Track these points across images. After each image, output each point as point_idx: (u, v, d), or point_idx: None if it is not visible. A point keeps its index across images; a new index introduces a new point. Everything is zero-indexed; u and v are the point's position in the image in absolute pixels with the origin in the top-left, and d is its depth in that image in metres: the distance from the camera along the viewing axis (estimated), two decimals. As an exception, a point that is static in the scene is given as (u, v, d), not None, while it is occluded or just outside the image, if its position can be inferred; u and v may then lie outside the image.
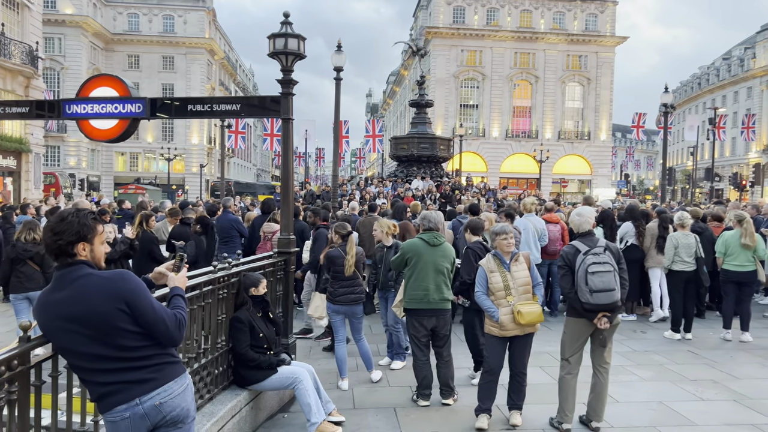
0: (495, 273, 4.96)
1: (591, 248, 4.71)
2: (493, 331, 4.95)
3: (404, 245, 5.65)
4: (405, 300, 5.55)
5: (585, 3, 57.96)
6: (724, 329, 8.23)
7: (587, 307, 4.65)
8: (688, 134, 46.12)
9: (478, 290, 5.02)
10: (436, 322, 5.48)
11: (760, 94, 75.62)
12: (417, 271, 5.44)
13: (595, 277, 4.57)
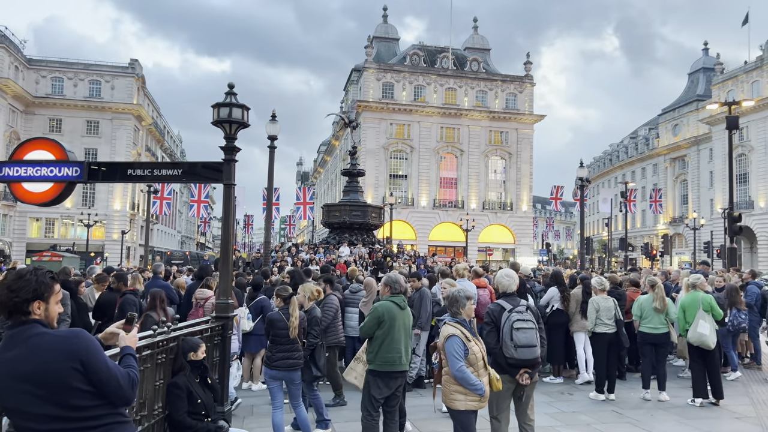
0: (471, 342, 4.63)
1: (515, 306, 5.02)
2: (472, 406, 4.58)
3: (379, 307, 5.46)
4: (376, 363, 5.34)
5: (505, 83, 62.00)
6: (643, 389, 8.68)
7: (511, 362, 4.88)
8: (602, 206, 49.12)
9: (461, 364, 4.49)
10: (400, 382, 5.53)
11: (664, 170, 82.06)
12: (392, 334, 5.34)
13: (519, 333, 4.85)
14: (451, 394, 4.56)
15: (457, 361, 4.47)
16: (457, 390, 4.53)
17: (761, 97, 57.68)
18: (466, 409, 4.54)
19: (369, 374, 5.39)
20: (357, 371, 5.77)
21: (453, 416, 4.66)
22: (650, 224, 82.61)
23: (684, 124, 78.50)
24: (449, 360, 4.52)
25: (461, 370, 4.47)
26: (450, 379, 4.57)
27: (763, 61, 61.45)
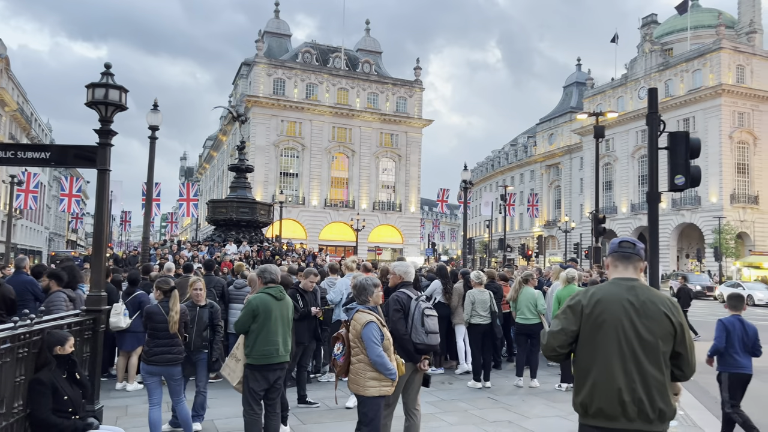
0: (385, 328, 4.68)
1: (419, 296, 5.20)
2: (385, 392, 4.62)
3: (253, 300, 5.35)
4: (253, 357, 5.24)
5: (396, 87, 63.29)
6: (517, 377, 9.26)
7: (421, 347, 5.02)
8: (484, 209, 51.50)
9: (380, 349, 4.52)
10: (279, 374, 5.45)
11: (540, 176, 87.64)
12: (267, 327, 5.25)
13: (429, 319, 5.02)
14: (366, 381, 4.55)
15: (376, 346, 4.49)
16: (373, 377, 4.54)
17: (624, 112, 63.27)
18: (379, 395, 4.58)
19: (247, 368, 5.29)
20: (230, 367, 5.55)
21: (364, 404, 4.65)
22: (527, 227, 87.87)
23: (559, 133, 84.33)
24: (368, 346, 4.51)
25: (381, 355, 4.50)
26: (366, 367, 4.57)
27: (627, 78, 67.48)
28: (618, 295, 3.07)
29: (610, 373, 2.97)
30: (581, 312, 3.11)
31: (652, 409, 2.92)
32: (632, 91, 65.81)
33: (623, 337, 2.99)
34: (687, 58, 60.61)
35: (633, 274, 3.19)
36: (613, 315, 3.02)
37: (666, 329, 3.00)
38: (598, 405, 2.97)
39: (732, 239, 52.48)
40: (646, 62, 65.45)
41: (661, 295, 3.11)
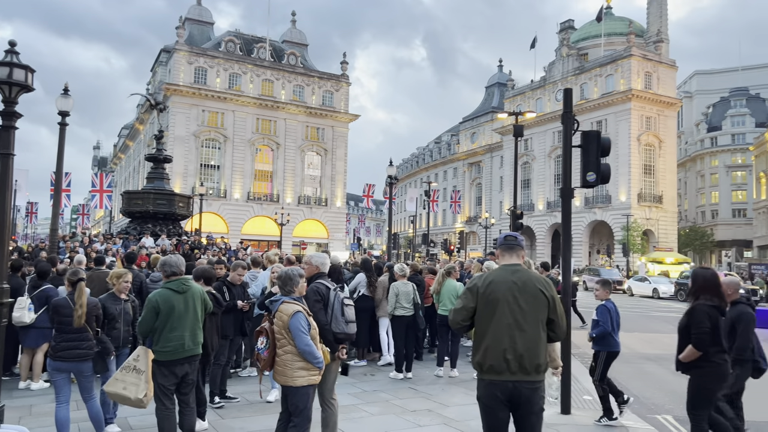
0: (311, 318, 4.72)
1: (336, 286, 5.22)
2: (314, 381, 4.65)
3: (152, 298, 5.16)
4: (158, 353, 5.11)
5: (322, 80, 62.86)
6: (437, 367, 9.46)
7: (341, 336, 5.05)
8: (409, 205, 52.12)
9: (308, 338, 4.53)
10: (189, 369, 5.28)
11: (463, 174, 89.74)
12: (171, 322, 5.10)
13: (348, 309, 5.06)
14: (294, 372, 4.54)
15: (304, 335, 4.49)
16: (301, 366, 4.54)
17: (542, 113, 65.83)
18: (308, 384, 4.60)
19: (154, 364, 5.15)
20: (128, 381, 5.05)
21: (294, 395, 4.61)
22: (450, 222, 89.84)
23: (480, 132, 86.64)
24: (296, 336, 4.49)
25: (309, 344, 4.51)
26: (294, 357, 4.54)
27: (546, 81, 70.23)
28: (505, 278, 3.87)
29: (499, 338, 3.75)
30: (477, 292, 3.88)
31: (530, 364, 3.71)
32: (550, 93, 68.57)
33: (509, 309, 3.77)
34: (600, 63, 63.82)
35: (516, 261, 4.01)
36: (502, 293, 3.81)
37: (541, 302, 3.83)
38: (489, 363, 3.75)
39: (638, 236, 55.88)
40: (563, 66, 68.36)
41: (537, 276, 3.94)
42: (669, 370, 10.93)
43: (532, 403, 3.74)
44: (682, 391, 9.28)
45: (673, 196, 63.70)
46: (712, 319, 5.01)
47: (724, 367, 5.09)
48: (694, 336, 5.02)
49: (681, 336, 5.23)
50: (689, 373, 5.22)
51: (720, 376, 5.10)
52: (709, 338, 4.97)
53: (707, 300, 5.10)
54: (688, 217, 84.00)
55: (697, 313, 5.07)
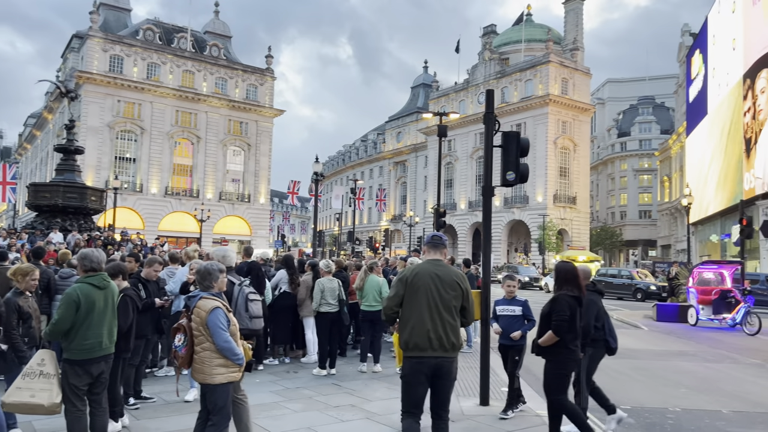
0: (231, 314, 4.62)
1: (243, 281, 5.12)
2: (233, 378, 4.54)
3: (72, 292, 4.84)
4: (72, 352, 4.81)
5: (246, 74, 61.51)
6: (361, 363, 9.49)
7: (245, 332, 4.94)
8: (334, 203, 52.06)
9: (227, 335, 4.40)
10: (104, 368, 5.02)
11: (389, 172, 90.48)
12: (90, 319, 4.82)
13: (253, 304, 4.96)
14: (212, 369, 4.41)
15: (223, 332, 4.37)
16: (220, 364, 4.42)
17: (465, 115, 67.42)
18: (228, 382, 4.49)
19: (66, 363, 4.86)
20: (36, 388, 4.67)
21: (212, 392, 4.46)
22: (375, 220, 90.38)
23: (406, 132, 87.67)
24: (214, 332, 4.37)
25: (228, 340, 4.39)
26: (212, 354, 4.40)
27: (469, 83, 71.97)
28: (428, 270, 4.54)
29: (422, 320, 4.40)
30: (406, 281, 4.52)
31: (447, 342, 4.42)
32: (473, 96, 70.34)
33: (431, 296, 4.45)
34: (521, 68, 66.13)
35: (439, 257, 4.72)
36: (425, 283, 4.48)
37: (457, 291, 4.53)
38: (414, 341, 4.41)
39: (554, 235, 58.38)
40: (486, 69, 70.32)
41: (455, 270, 4.72)
42: (580, 361, 11.46)
43: (450, 374, 4.49)
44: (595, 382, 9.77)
45: (586, 197, 66.99)
46: (572, 308, 5.41)
47: (576, 353, 5.54)
48: (554, 323, 5.38)
49: (542, 322, 5.61)
50: (546, 357, 5.59)
51: (574, 361, 5.56)
52: (567, 326, 5.36)
53: (569, 291, 5.51)
54: (599, 217, 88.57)
55: (559, 302, 5.45)
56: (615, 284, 31.03)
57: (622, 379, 10.06)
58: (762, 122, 35.80)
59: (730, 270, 19.78)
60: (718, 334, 16.88)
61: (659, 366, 11.46)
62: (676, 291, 21.14)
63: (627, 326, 18.91)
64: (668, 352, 13.50)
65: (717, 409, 8.04)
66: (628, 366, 11.22)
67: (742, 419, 7.56)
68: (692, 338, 15.96)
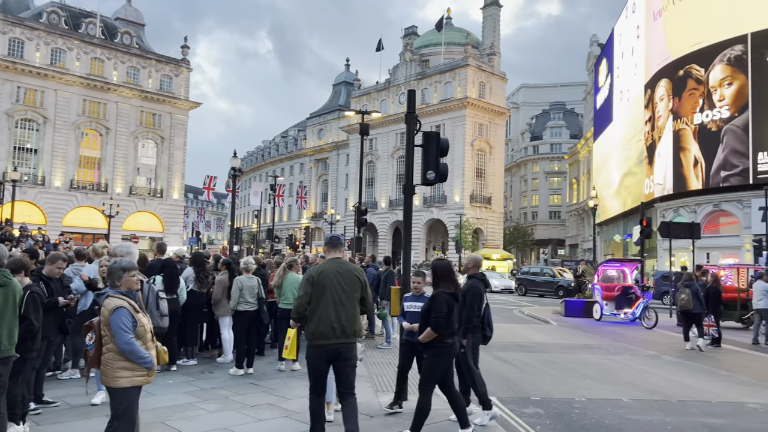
0: (140, 314, 4.31)
1: (149, 279, 4.96)
2: (138, 382, 4.23)
3: None
4: None
5: (160, 64, 59.05)
6: (279, 361, 9.37)
7: (157, 331, 4.77)
8: (253, 199, 51.00)
9: (129, 336, 4.14)
10: (3, 370, 4.65)
11: (310, 169, 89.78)
12: None
13: (162, 302, 4.81)
14: (115, 372, 4.15)
15: (125, 333, 4.12)
16: (124, 366, 4.16)
17: (387, 114, 68.02)
18: (132, 386, 4.20)
19: None
20: None
21: (114, 396, 4.22)
22: (295, 218, 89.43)
23: (328, 129, 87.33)
24: (116, 333, 4.12)
25: (130, 342, 4.13)
26: (115, 356, 4.14)
27: (390, 83, 72.66)
28: (332, 268, 5.20)
29: (328, 313, 5.02)
30: (312, 281, 5.13)
31: (349, 330, 5.09)
32: (394, 96, 71.09)
33: (335, 292, 5.08)
34: (440, 70, 67.52)
35: (339, 255, 5.41)
36: (330, 280, 5.10)
37: (357, 285, 5.22)
38: (320, 331, 5.02)
39: (470, 234, 60.07)
40: (407, 70, 71.26)
41: (354, 266, 5.46)
42: (494, 356, 11.92)
43: (350, 358, 5.16)
44: (504, 375, 10.17)
45: (501, 198, 69.38)
46: (449, 305, 5.64)
47: (453, 347, 5.79)
48: (432, 319, 5.59)
49: (422, 319, 5.84)
50: (426, 353, 5.82)
51: (451, 355, 5.83)
52: (444, 322, 5.58)
53: (446, 288, 5.74)
54: (512, 217, 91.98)
55: (437, 299, 5.66)
56: (538, 282, 32.32)
57: (533, 372, 10.52)
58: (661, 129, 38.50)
59: (631, 268, 21.13)
60: (620, 328, 17.99)
61: (566, 359, 12.07)
62: (583, 288, 22.32)
63: (537, 322, 19.78)
64: (575, 345, 14.24)
65: (618, 398, 8.57)
66: (537, 359, 11.75)
67: (641, 406, 8.10)
68: (597, 332, 16.92)
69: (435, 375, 5.75)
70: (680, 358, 12.54)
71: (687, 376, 10.61)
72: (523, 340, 14.58)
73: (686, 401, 8.52)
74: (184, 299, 9.16)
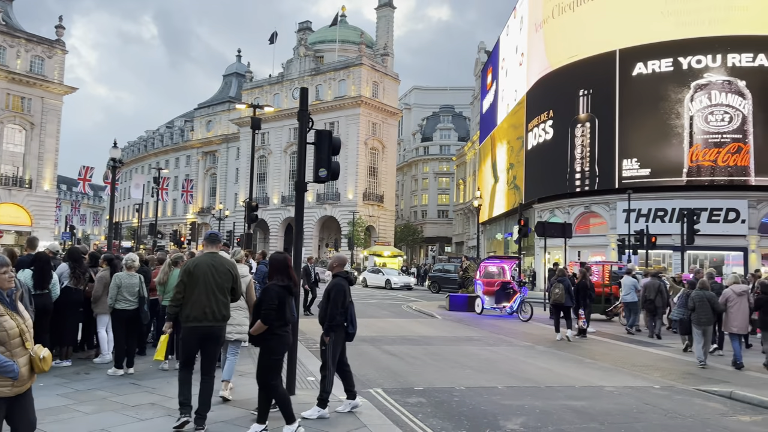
0: (5, 317, 3.81)
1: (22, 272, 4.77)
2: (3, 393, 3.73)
3: None
4: None
5: (31, 43, 54.29)
6: (162, 361, 9.06)
7: None
8: (134, 192, 48.35)
9: None
10: None
11: (197, 162, 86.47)
12: None
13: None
14: None
15: None
16: None
17: (280, 108, 67.12)
18: None
19: None
20: None
21: None
22: (181, 213, 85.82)
23: (217, 121, 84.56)
24: None
25: None
26: None
27: (284, 78, 71.73)
28: (206, 261, 6.01)
29: (200, 299, 5.83)
30: (188, 272, 5.92)
31: (219, 315, 5.93)
32: (287, 90, 70.27)
33: (207, 281, 5.88)
34: (335, 68, 67.66)
35: (214, 250, 6.24)
36: (203, 271, 5.91)
37: (228, 276, 6.03)
38: (194, 314, 5.82)
39: (362, 231, 60.79)
40: (301, 65, 70.70)
41: (227, 260, 6.29)
42: (381, 350, 12.27)
43: (219, 338, 6.04)
44: (390, 368, 10.52)
45: (392, 196, 70.80)
46: (281, 297, 5.83)
47: (285, 338, 5.92)
48: (263, 312, 5.78)
49: (254, 312, 6.06)
50: (259, 346, 5.97)
51: (283, 345, 5.95)
52: (275, 314, 5.77)
53: (279, 281, 5.93)
54: (403, 215, 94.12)
55: (268, 292, 5.87)
56: (451, 279, 33.13)
57: (417, 363, 10.96)
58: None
59: (510, 264, 22.46)
60: (499, 321, 19.10)
61: (449, 351, 12.67)
62: (466, 283, 23.41)
63: (424, 316, 20.51)
64: (457, 338, 14.97)
65: (494, 385, 9.17)
66: (422, 352, 12.24)
67: (514, 393, 8.73)
68: (478, 325, 17.86)
69: (269, 368, 5.81)
70: (551, 348, 13.58)
71: (556, 364, 11.53)
72: (410, 334, 15.09)
73: (553, 386, 9.29)
74: (57, 295, 8.64)
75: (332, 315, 6.70)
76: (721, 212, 31.01)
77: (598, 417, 7.53)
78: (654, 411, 8.00)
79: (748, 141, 30.81)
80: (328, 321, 6.69)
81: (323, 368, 6.79)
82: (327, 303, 6.78)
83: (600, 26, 35.66)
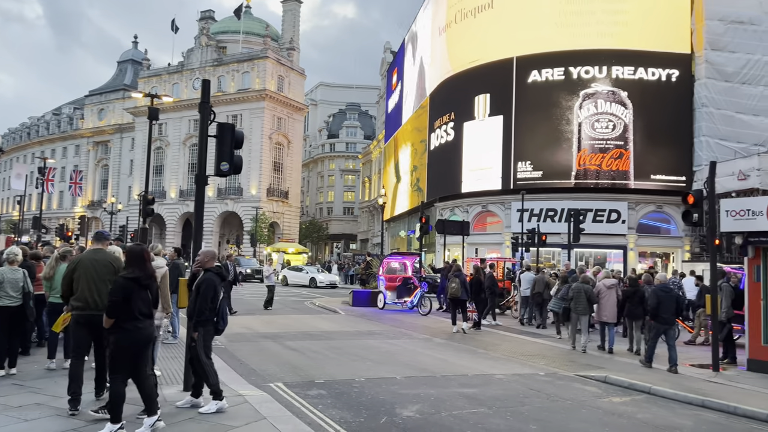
0: None
1: None
2: None
3: None
4: None
5: None
6: (49, 359, 8.59)
7: None
8: (15, 183, 44.86)
9: None
10: None
11: (87, 152, 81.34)
12: None
13: None
14: None
15: None
16: None
17: (179, 99, 64.61)
18: None
19: None
20: None
21: None
22: (68, 206, 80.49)
23: (110, 110, 79.98)
24: None
25: None
26: None
27: (184, 67, 69.10)
28: (89, 256, 6.67)
29: (83, 290, 6.43)
30: (74, 268, 6.54)
31: (101, 304, 6.21)
32: (188, 80, 67.76)
33: (90, 274, 6.47)
34: (238, 59, 66.06)
35: (101, 246, 6.94)
36: (86, 265, 6.53)
37: (109, 269, 6.55)
38: (79, 304, 6.40)
39: (266, 227, 59.83)
40: (203, 55, 68.40)
41: (110, 255, 6.86)
42: (282, 345, 12.30)
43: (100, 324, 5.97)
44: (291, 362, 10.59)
45: (298, 192, 70.26)
46: (126, 289, 5.70)
47: (134, 333, 5.69)
48: (108, 305, 5.70)
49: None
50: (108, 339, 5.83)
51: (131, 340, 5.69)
52: (120, 307, 5.66)
53: (129, 273, 5.84)
54: (308, 212, 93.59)
55: (115, 284, 5.83)
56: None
57: (319, 358, 11.10)
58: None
59: (411, 260, 23.10)
60: (400, 315, 19.61)
61: (350, 344, 12.91)
62: (369, 279, 23.79)
63: (327, 312, 20.66)
64: (359, 332, 15.24)
65: (393, 376, 9.50)
66: (324, 346, 12.40)
67: (411, 382, 9.09)
68: (380, 320, 18.26)
69: (119, 361, 5.67)
70: (448, 340, 14.19)
71: (452, 354, 12.08)
72: (312, 329, 15.18)
73: (448, 376, 9.77)
74: None
75: (200, 310, 6.73)
76: (604, 213, 33.44)
77: (487, 402, 8.03)
78: (538, 396, 8.64)
79: (628, 147, 33.43)
80: (196, 316, 6.73)
81: (194, 362, 6.81)
82: (196, 298, 6.78)
83: (500, 33, 37.28)
